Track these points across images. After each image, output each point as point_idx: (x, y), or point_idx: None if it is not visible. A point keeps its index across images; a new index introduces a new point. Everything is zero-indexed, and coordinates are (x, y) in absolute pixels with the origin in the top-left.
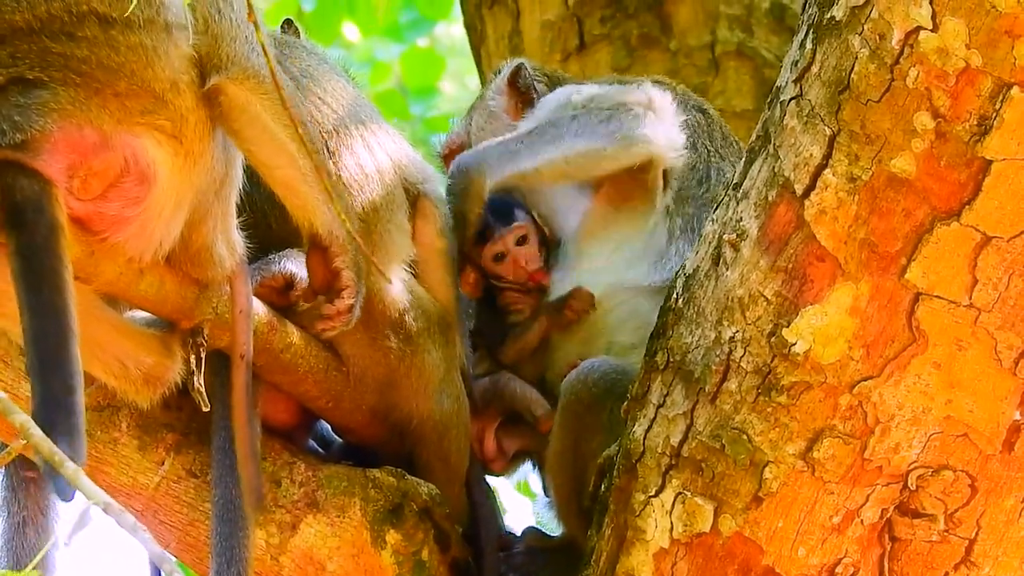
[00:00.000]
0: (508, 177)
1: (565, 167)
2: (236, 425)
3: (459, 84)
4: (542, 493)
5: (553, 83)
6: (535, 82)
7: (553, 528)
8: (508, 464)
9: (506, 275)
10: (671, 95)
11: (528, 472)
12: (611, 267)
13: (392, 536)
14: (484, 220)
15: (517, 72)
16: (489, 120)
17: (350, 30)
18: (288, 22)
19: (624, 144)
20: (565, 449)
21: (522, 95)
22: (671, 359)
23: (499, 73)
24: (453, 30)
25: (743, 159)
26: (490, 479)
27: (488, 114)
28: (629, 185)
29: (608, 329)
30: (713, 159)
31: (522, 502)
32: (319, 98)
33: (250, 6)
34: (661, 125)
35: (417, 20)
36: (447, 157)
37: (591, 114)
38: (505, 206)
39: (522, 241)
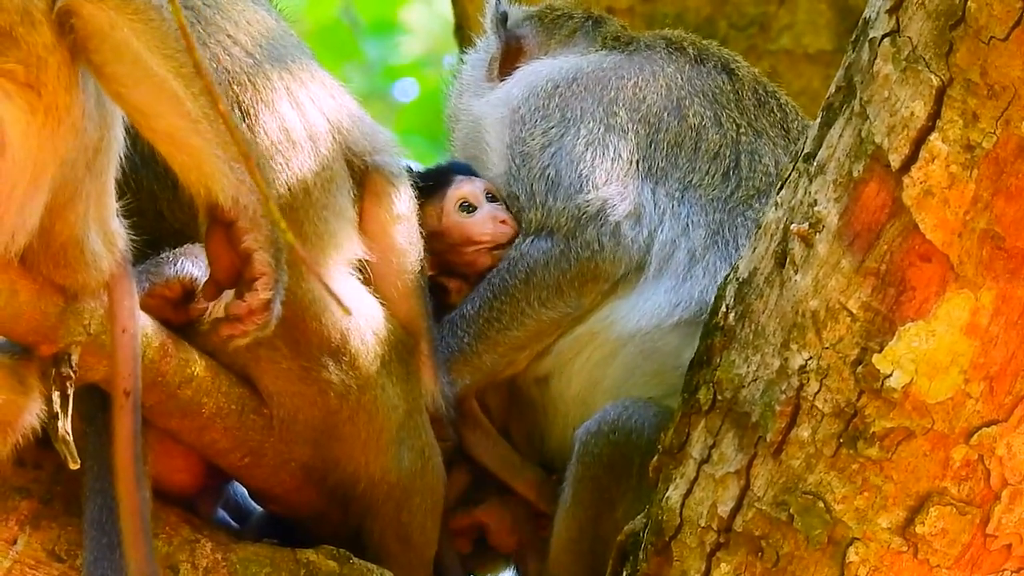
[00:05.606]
0: (482, 382)
1: (540, 334)
2: (119, 489)
3: (429, 12)
4: None
5: (540, 24)
6: (518, 28)
7: None
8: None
9: (477, 236)
10: (677, 63)
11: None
12: (612, 305)
13: None
14: (436, 173)
15: (503, 19)
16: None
17: None
18: None
19: (592, 279)
20: (583, 532)
21: (508, 47)
22: (719, 397)
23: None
24: None
25: (818, 120)
26: None
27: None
28: None
29: (614, 381)
30: (744, 137)
31: None
32: (228, 35)
33: None
34: (615, 221)
35: None
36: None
37: (540, 269)
38: (464, 165)
39: (493, 199)
